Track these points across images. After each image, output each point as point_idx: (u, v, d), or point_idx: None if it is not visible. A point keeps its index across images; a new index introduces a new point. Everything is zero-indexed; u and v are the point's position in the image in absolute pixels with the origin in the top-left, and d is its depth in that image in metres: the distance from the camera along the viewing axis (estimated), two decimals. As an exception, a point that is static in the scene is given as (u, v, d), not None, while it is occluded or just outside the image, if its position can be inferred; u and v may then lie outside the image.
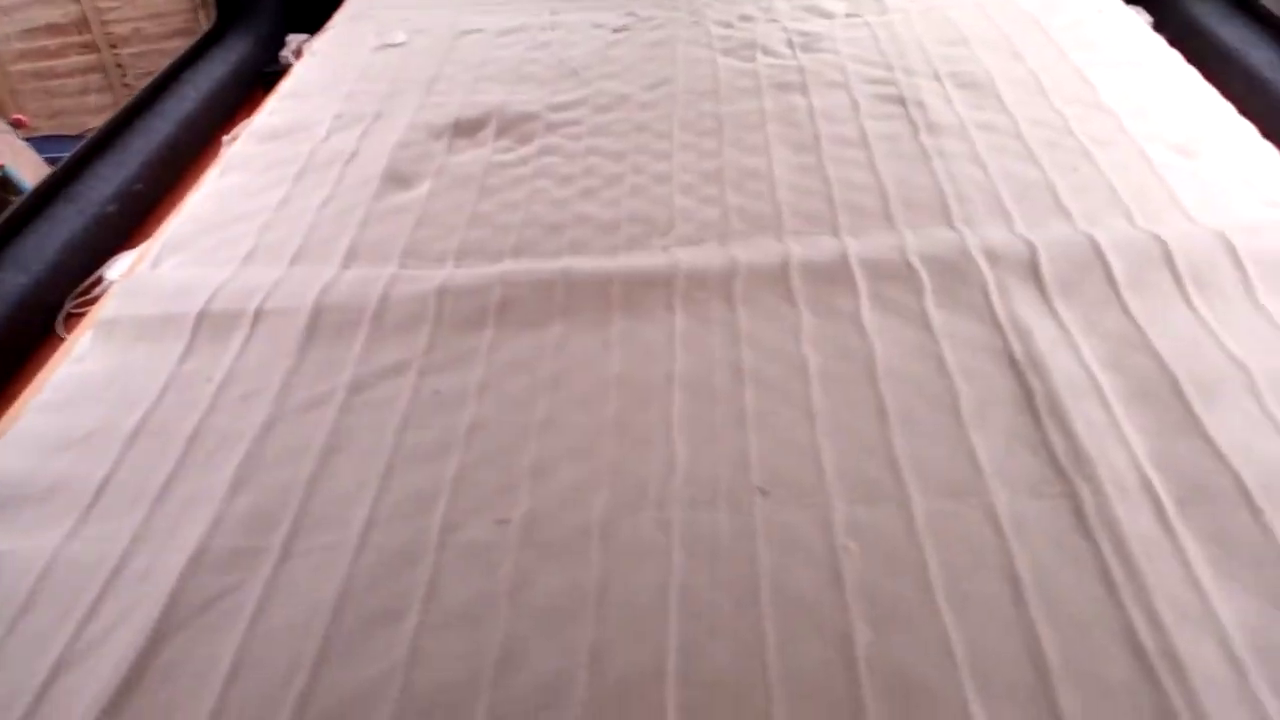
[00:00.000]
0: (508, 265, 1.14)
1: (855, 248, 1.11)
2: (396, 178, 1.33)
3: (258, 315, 1.07)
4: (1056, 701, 0.67)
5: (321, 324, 1.06)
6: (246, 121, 1.62)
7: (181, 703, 0.71)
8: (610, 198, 1.27)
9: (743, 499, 0.84)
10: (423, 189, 1.31)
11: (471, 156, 1.37)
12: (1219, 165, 1.22)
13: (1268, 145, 1.26)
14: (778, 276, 1.08)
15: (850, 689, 0.69)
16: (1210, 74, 1.45)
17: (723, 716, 0.68)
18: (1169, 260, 1.04)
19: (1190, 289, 1.01)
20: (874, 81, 1.48)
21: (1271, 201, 1.14)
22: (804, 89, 1.47)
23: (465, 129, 1.43)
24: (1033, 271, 1.05)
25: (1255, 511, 0.78)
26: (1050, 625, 0.72)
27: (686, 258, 1.12)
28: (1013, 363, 0.95)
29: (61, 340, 1.22)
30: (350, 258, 1.18)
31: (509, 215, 1.24)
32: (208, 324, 1.07)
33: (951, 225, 1.15)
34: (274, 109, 1.58)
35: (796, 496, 0.84)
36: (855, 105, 1.42)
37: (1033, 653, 0.70)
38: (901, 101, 1.42)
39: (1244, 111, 1.34)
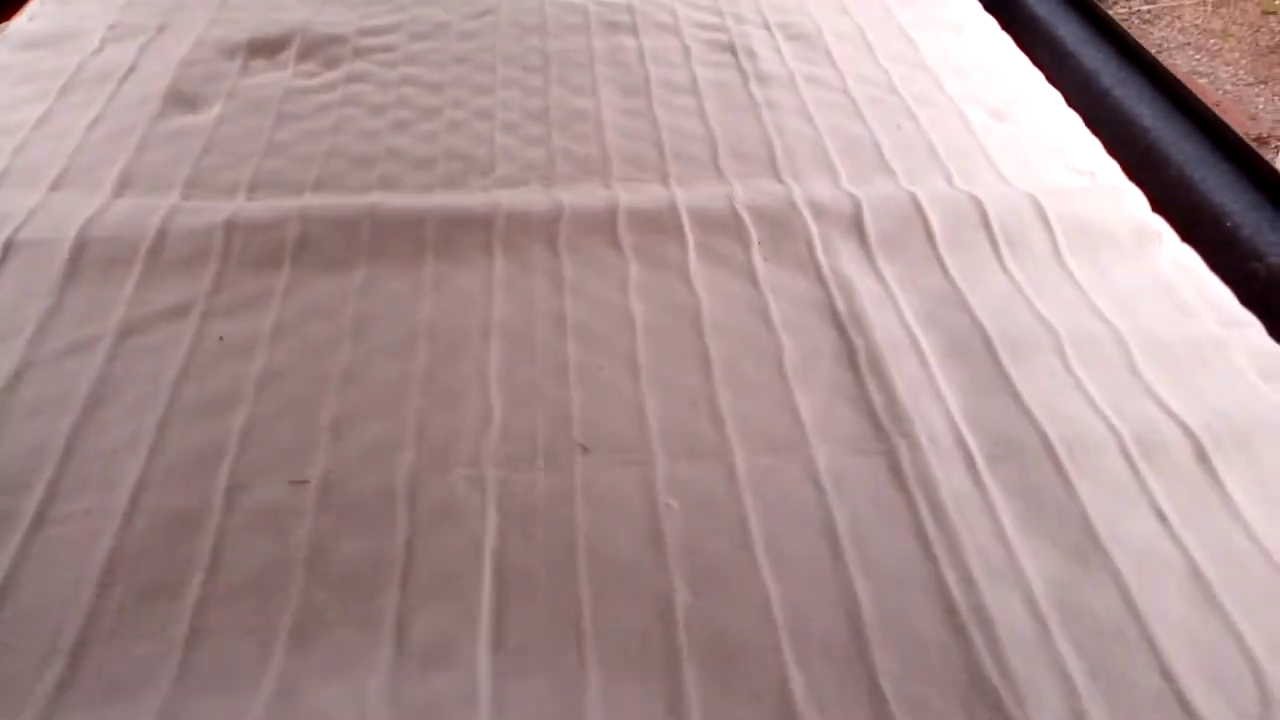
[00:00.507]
0: (308, 199, 1.03)
1: (684, 197, 1.07)
2: (181, 99, 1.18)
3: (9, 247, 0.93)
4: (871, 659, 0.67)
5: (86, 259, 0.93)
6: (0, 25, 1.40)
7: None
8: (426, 132, 1.17)
9: (562, 456, 0.79)
10: (211, 112, 1.17)
11: (269, 79, 1.24)
12: (1029, 130, 1.26)
13: (1072, 113, 1.32)
14: (605, 223, 1.03)
15: (668, 654, 0.66)
16: (1021, 43, 1.50)
17: (535, 685, 0.64)
18: (985, 221, 1.06)
19: (1004, 250, 1.04)
20: (705, 27, 1.44)
21: (1076, 167, 1.19)
22: (634, 30, 1.42)
23: (262, 48, 1.29)
24: (857, 227, 1.05)
25: (1059, 469, 0.80)
26: (866, 581, 0.72)
27: (508, 199, 1.05)
28: (836, 318, 0.95)
29: None
30: (123, 185, 1.03)
31: (311, 145, 1.13)
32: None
33: (779, 178, 1.13)
34: (35, 13, 1.37)
35: (618, 453, 0.80)
36: (686, 50, 1.38)
37: (849, 610, 0.70)
38: (732, 50, 1.39)
39: (1051, 80, 1.39)
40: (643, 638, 0.67)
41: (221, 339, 0.86)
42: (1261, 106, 2.78)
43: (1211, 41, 3.06)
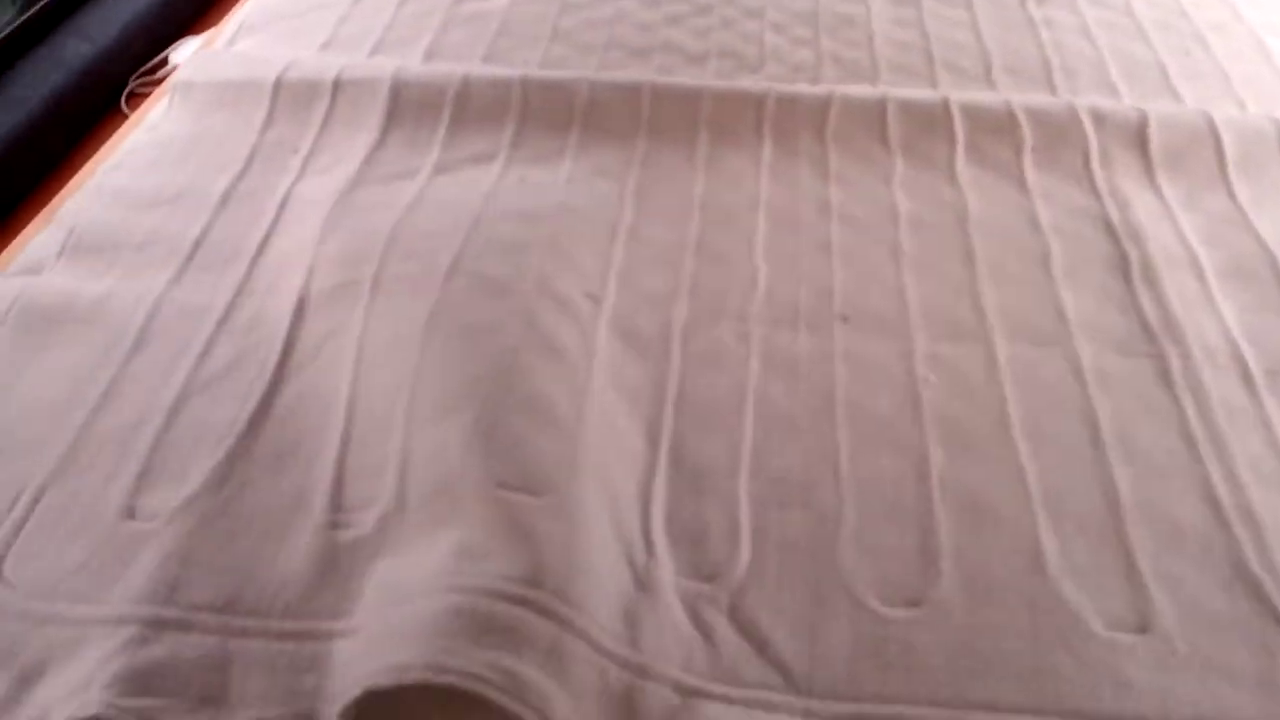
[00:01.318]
0: (595, 75, 1.10)
1: (956, 96, 1.06)
2: (477, -16, 1.28)
3: (336, 85, 1.05)
4: (1128, 536, 0.67)
5: (403, 101, 1.04)
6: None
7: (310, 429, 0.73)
8: (699, 27, 1.22)
9: (824, 323, 0.83)
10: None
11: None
12: (1338, 65, 1.17)
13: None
14: (874, 115, 1.04)
15: (922, 503, 0.69)
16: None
17: (793, 514, 0.69)
18: (1283, 145, 1.00)
19: (1301, 177, 0.98)
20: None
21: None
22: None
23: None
24: (1140, 140, 1.01)
25: (1344, 392, 0.77)
26: (1126, 468, 0.71)
27: (778, 86, 1.08)
28: (1109, 228, 0.93)
29: (126, 117, 1.19)
30: (429, 56, 1.14)
31: (592, 34, 1.20)
32: (286, 92, 1.04)
33: (1057, 94, 1.10)
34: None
35: (879, 327, 0.83)
36: (960, -39, 1.35)
37: (1106, 490, 0.70)
38: (1008, -37, 1.35)
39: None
40: (896, 486, 0.70)
41: (523, 180, 0.95)
42: None
43: None
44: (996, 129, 1.03)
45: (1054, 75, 1.14)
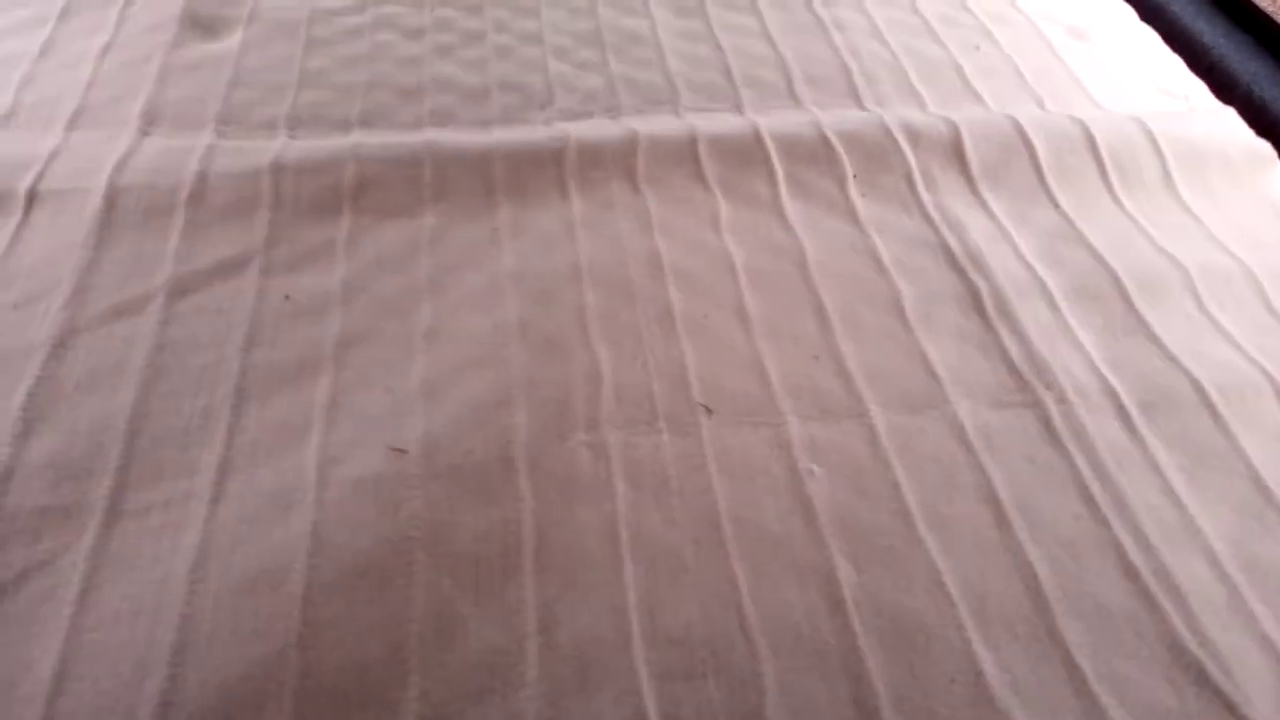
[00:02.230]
0: (358, 137, 0.93)
1: (765, 123, 0.98)
2: (197, 22, 1.06)
3: (32, 198, 0.82)
4: (1061, 635, 0.61)
5: (121, 208, 0.82)
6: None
7: None
8: (473, 58, 1.07)
9: (686, 419, 0.72)
10: (233, 38, 1.05)
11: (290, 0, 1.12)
12: (1111, 49, 1.18)
13: (1149, 30, 1.24)
14: (685, 153, 0.94)
15: (844, 640, 0.60)
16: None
17: (704, 685, 0.57)
18: (1092, 146, 0.98)
19: (1114, 178, 0.97)
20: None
21: (1167, 90, 1.12)
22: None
23: (281, -36, 1.17)
24: (957, 155, 0.97)
25: (1217, 418, 0.75)
26: (1037, 548, 0.66)
27: (576, 131, 0.95)
28: (951, 259, 0.87)
29: None
30: (148, 123, 0.92)
31: (349, 74, 1.02)
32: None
33: (862, 106, 1.04)
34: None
35: (746, 413, 0.73)
36: (738, -36, 1.27)
37: (1026, 580, 0.64)
38: (785, -37, 1.28)
39: (1120, -5, 1.31)
40: (810, 622, 0.61)
41: (288, 298, 0.77)
42: None
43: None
44: (813, 158, 0.95)
45: (855, 81, 1.08)
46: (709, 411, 0.73)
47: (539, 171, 0.91)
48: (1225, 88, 1.20)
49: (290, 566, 0.61)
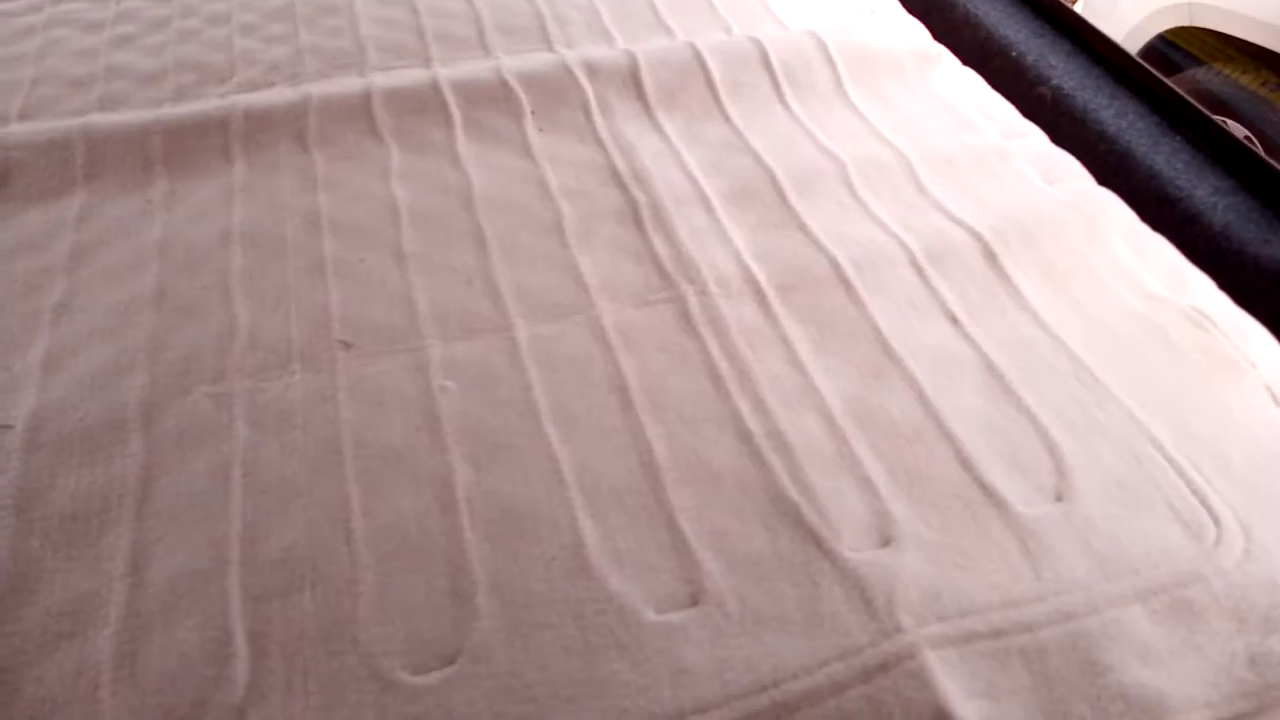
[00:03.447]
0: (13, 128, 0.90)
1: (446, 74, 0.98)
2: None
3: None
4: (669, 501, 0.62)
5: None
6: None
7: None
8: (152, 45, 1.05)
9: (321, 357, 0.72)
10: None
11: (-41, 7, 1.08)
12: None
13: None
14: (358, 109, 0.94)
15: (451, 537, 0.60)
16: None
17: (300, 599, 0.57)
18: (765, 62, 1.01)
19: (786, 89, 1.00)
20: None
21: (856, 6, 1.16)
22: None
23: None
24: (634, 83, 0.99)
25: (850, 290, 0.77)
26: (658, 426, 0.67)
27: (246, 100, 0.94)
28: (616, 178, 0.89)
29: None
30: None
31: (13, 72, 0.99)
32: None
33: (552, 48, 1.06)
34: None
35: (386, 343, 0.73)
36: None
37: (643, 456, 0.65)
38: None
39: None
40: (419, 525, 0.61)
41: None
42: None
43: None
44: (491, 100, 0.96)
45: (549, 28, 1.09)
46: (347, 346, 0.72)
47: (202, 141, 0.90)
48: (945, 8, 1.26)
49: None
